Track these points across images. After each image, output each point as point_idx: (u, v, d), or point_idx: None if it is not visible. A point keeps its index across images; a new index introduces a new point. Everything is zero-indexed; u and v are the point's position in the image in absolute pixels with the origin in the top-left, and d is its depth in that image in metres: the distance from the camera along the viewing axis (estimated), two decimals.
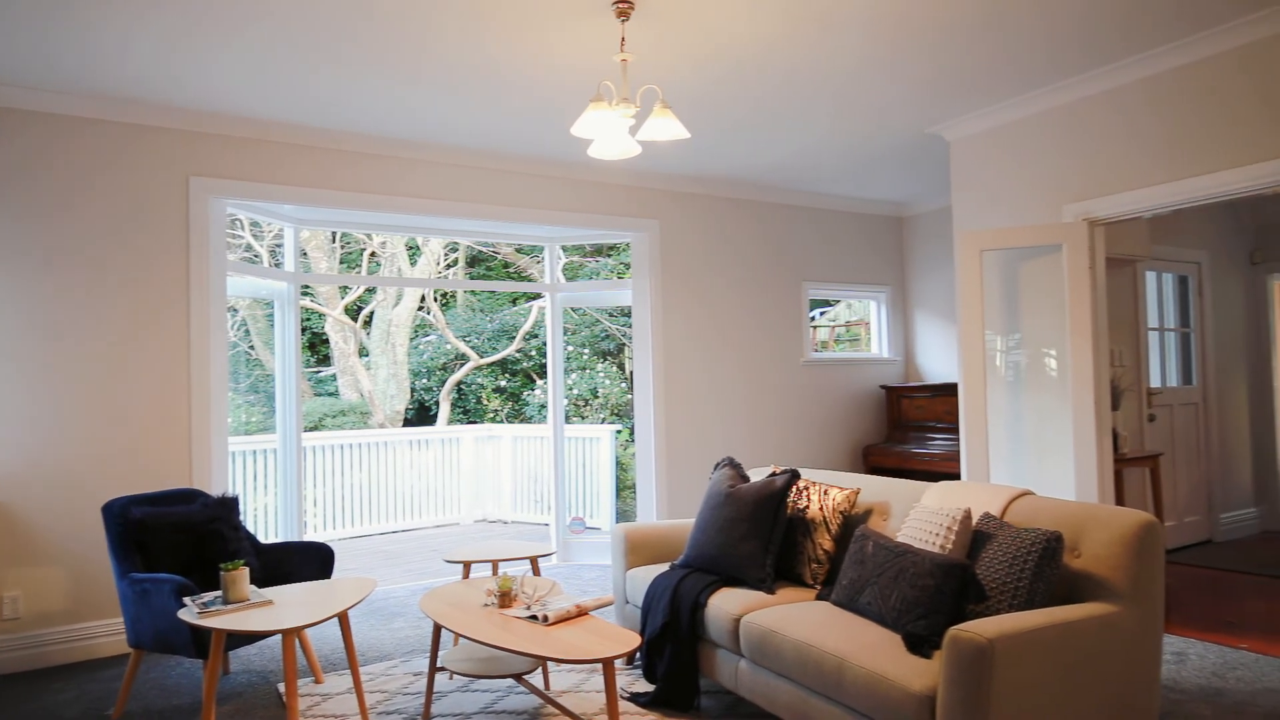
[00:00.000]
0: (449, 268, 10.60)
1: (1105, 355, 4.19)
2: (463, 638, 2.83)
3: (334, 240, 9.94)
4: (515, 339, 10.16)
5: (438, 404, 10.34)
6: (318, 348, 10.77)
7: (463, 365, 10.33)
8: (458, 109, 4.30)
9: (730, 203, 6.11)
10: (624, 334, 9.40)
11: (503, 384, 10.43)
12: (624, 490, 7.68)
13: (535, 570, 3.93)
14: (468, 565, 3.85)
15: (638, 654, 3.55)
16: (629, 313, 7.77)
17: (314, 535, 7.07)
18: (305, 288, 9.73)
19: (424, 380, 10.61)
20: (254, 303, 9.31)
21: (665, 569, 3.53)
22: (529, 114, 4.40)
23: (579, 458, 7.03)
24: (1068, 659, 2.30)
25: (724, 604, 3.09)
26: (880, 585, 2.70)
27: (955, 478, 5.64)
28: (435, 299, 10.57)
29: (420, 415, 10.59)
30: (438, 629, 3.00)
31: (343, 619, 3.03)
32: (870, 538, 2.88)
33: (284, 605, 2.95)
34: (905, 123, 4.74)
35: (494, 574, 3.72)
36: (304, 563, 3.64)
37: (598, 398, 8.99)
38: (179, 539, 3.37)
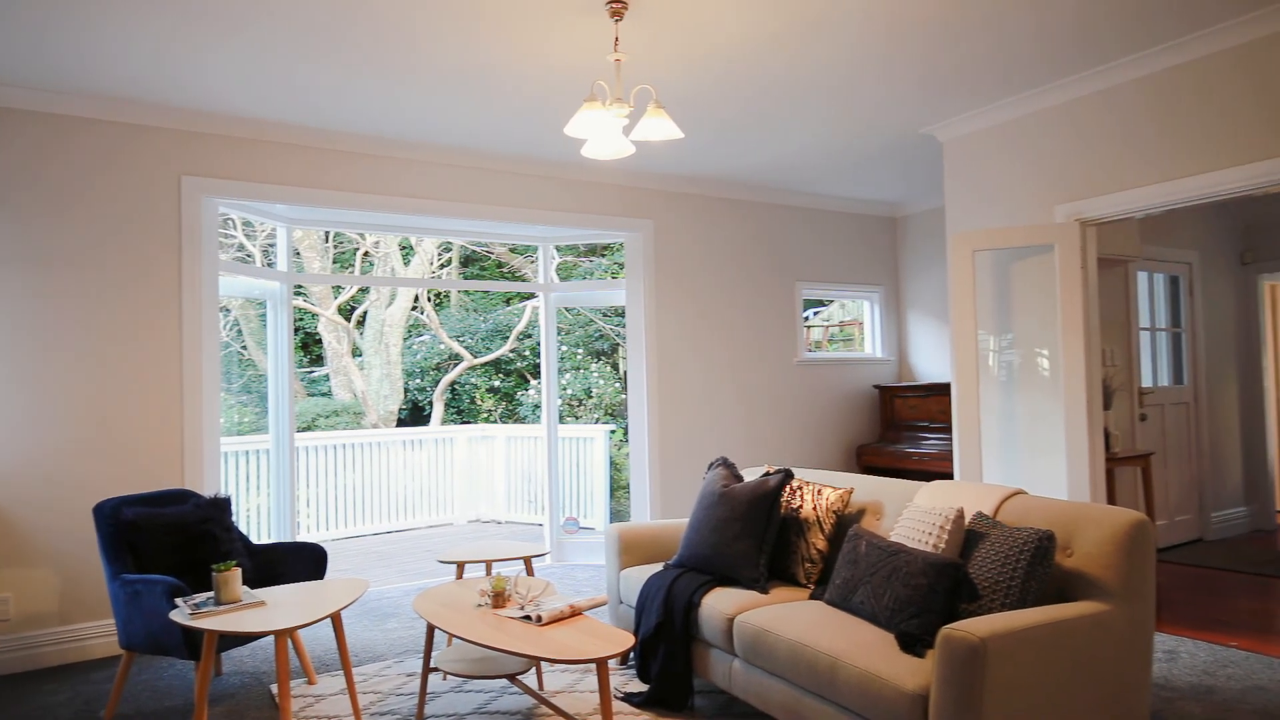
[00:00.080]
0: (442, 268, 10.58)
1: (1097, 355, 4.20)
2: (456, 638, 2.82)
3: (327, 240, 9.91)
4: (509, 339, 10.15)
5: (431, 404, 10.32)
6: (311, 348, 10.74)
7: (456, 365, 10.32)
8: (451, 109, 4.30)
9: (724, 203, 6.12)
10: (618, 334, 9.40)
11: (496, 384, 10.42)
12: (618, 490, 7.67)
13: (529, 570, 3.93)
14: (461, 565, 3.84)
15: (631, 654, 3.55)
16: (623, 313, 7.77)
17: (307, 536, 7.05)
18: (298, 288, 9.70)
19: (417, 380, 10.59)
20: (246, 303, 9.28)
21: (659, 569, 3.53)
22: (523, 114, 4.39)
23: (573, 458, 7.03)
24: (1060, 657, 2.31)
25: (718, 604, 3.09)
26: (873, 585, 2.71)
27: (948, 477, 5.66)
28: (429, 299, 10.56)
29: (414, 415, 10.57)
30: (431, 629, 3.00)
31: (336, 620, 3.02)
32: (863, 537, 2.89)
33: (276, 606, 2.94)
34: (898, 123, 4.75)
35: (488, 574, 3.72)
36: (297, 563, 3.63)
37: (591, 398, 8.98)
38: (171, 540, 3.36)
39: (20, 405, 3.88)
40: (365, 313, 10.47)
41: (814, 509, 3.35)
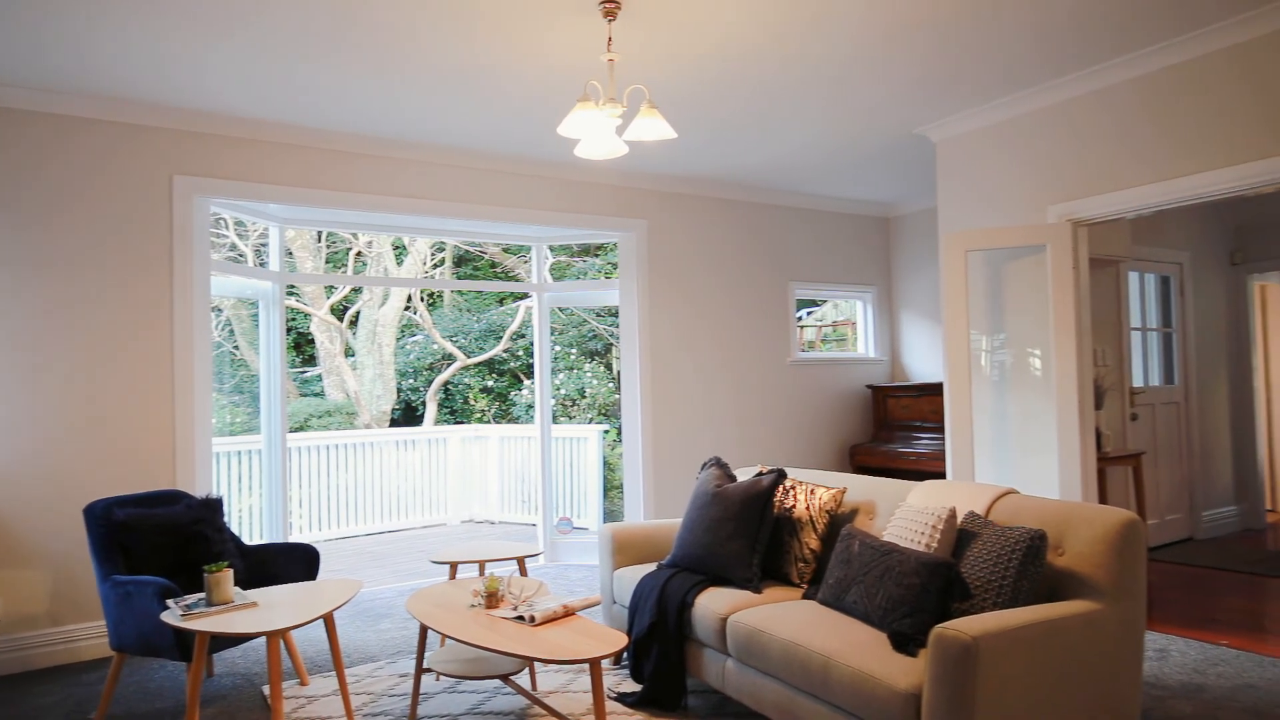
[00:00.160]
0: (436, 267, 10.56)
1: (1088, 355, 4.22)
2: (449, 639, 2.82)
3: (320, 240, 9.88)
4: (502, 339, 10.14)
5: (424, 404, 10.30)
6: (303, 348, 10.71)
7: (449, 365, 10.30)
8: (444, 109, 4.29)
9: (717, 203, 6.12)
10: (611, 334, 9.40)
11: (490, 384, 10.40)
12: (611, 490, 7.68)
13: (522, 570, 3.92)
14: (454, 566, 3.84)
15: (625, 654, 3.55)
16: (616, 313, 7.76)
17: (299, 536, 7.03)
18: (290, 287, 9.67)
19: (410, 380, 10.57)
20: (239, 302, 9.24)
21: (652, 569, 3.54)
22: (516, 113, 4.39)
23: (566, 458, 7.02)
24: (1051, 656, 2.32)
25: (711, 603, 3.10)
26: (866, 584, 2.71)
27: (941, 476, 5.67)
28: (422, 299, 10.53)
29: (407, 415, 10.55)
30: (424, 630, 2.99)
31: (328, 620, 3.01)
32: (856, 537, 2.89)
33: (269, 607, 2.94)
34: (892, 123, 4.76)
35: (481, 574, 3.71)
36: (289, 564, 3.61)
37: (585, 398, 8.98)
38: (162, 541, 3.35)
39: (10, 405, 3.86)
40: (358, 313, 10.44)
41: (807, 509, 3.36)
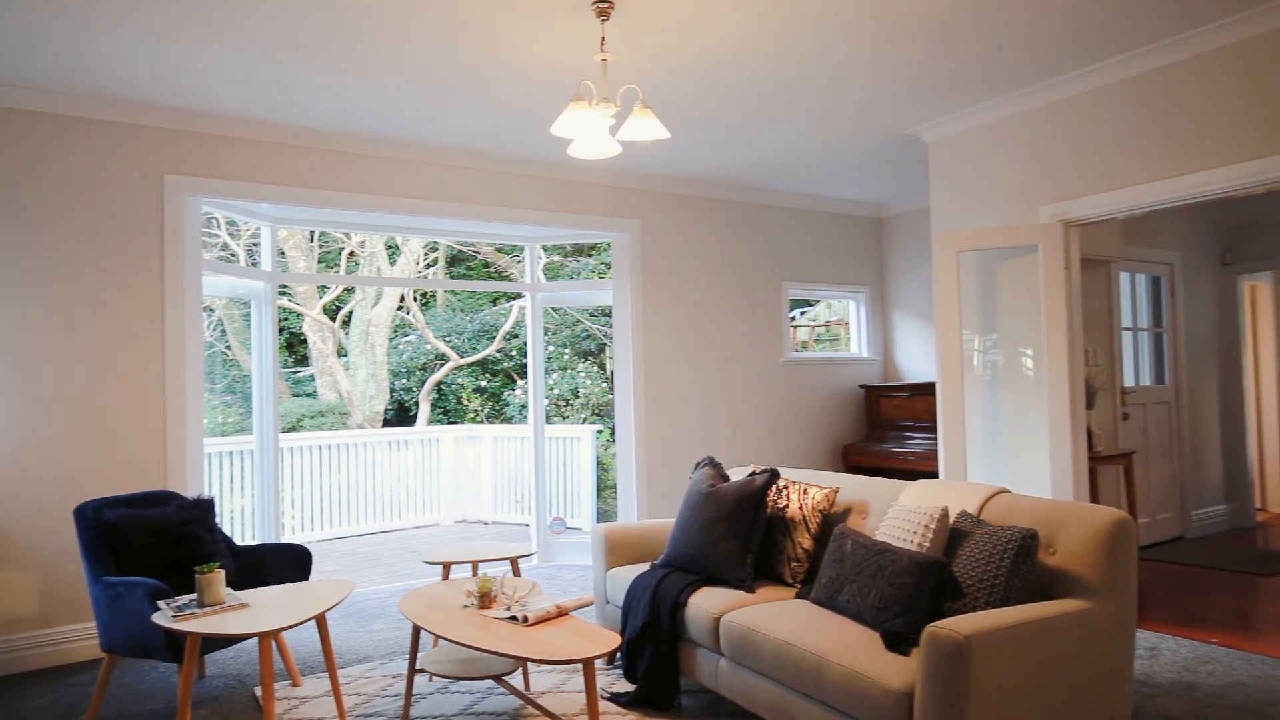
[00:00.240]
0: (428, 267, 10.54)
1: (1080, 354, 4.24)
2: (442, 639, 2.81)
3: (312, 239, 9.85)
4: (495, 339, 10.13)
5: (417, 404, 10.28)
6: (295, 348, 10.67)
7: (443, 365, 10.28)
8: (437, 108, 4.28)
9: (710, 203, 6.13)
10: (605, 334, 9.39)
11: (483, 384, 10.39)
12: (605, 490, 7.67)
13: (515, 571, 3.92)
14: (447, 566, 3.83)
15: (618, 654, 3.55)
16: (610, 313, 7.76)
17: (291, 537, 7.00)
18: (283, 287, 9.64)
19: (403, 380, 10.55)
20: (230, 302, 9.21)
21: (646, 569, 3.54)
22: (509, 113, 4.38)
23: (559, 458, 7.02)
24: (1043, 655, 2.33)
25: (704, 603, 3.10)
26: (859, 583, 2.72)
27: (933, 476, 5.69)
28: (415, 299, 10.51)
29: (400, 416, 10.53)
30: (417, 630, 2.99)
31: (320, 621, 3.00)
32: (849, 536, 2.90)
33: (260, 608, 2.93)
34: (884, 124, 4.77)
35: (474, 575, 3.70)
36: (281, 565, 3.60)
37: (578, 398, 8.98)
38: (153, 542, 3.33)
39: (1, 405, 3.84)
40: (351, 312, 10.42)
41: (800, 508, 3.36)
